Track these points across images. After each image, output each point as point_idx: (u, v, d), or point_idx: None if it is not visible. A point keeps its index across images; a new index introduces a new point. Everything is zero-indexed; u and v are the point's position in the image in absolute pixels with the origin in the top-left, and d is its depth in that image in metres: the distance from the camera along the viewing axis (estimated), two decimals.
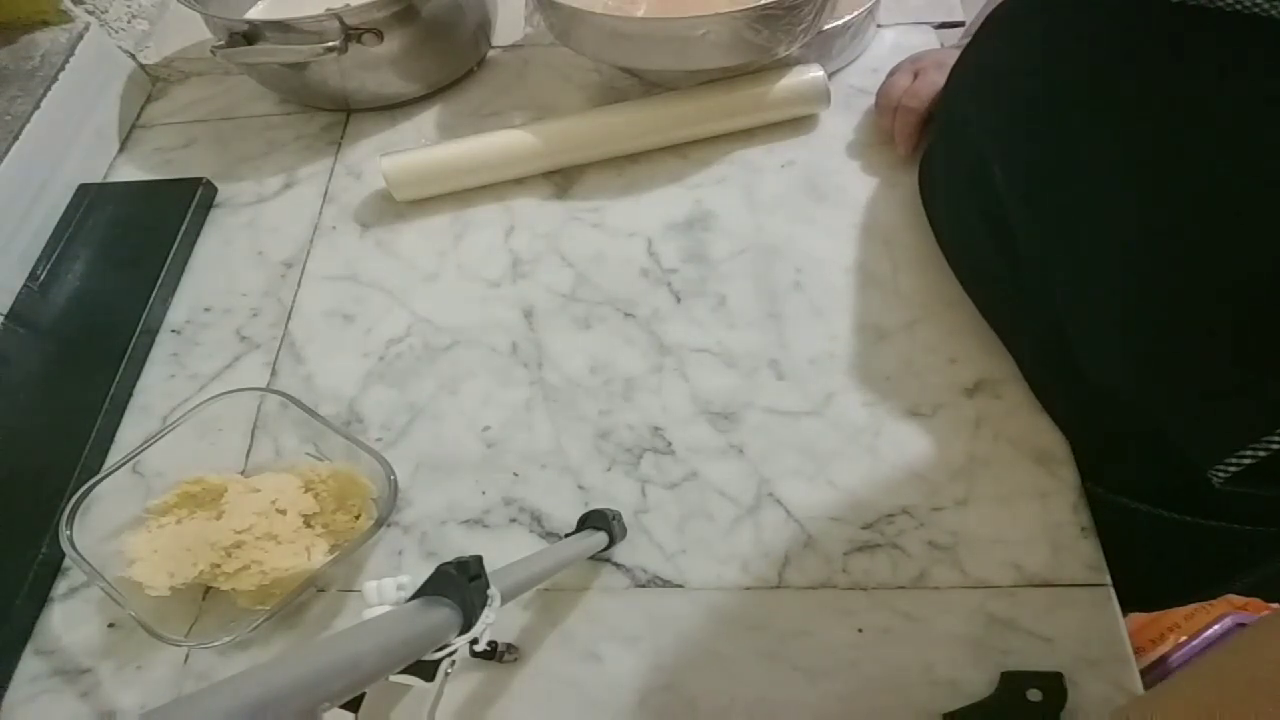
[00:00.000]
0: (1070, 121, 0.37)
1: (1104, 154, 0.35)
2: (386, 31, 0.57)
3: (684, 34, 0.50)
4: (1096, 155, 0.36)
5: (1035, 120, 0.39)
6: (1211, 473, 0.32)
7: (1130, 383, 0.36)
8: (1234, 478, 0.31)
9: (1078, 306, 0.38)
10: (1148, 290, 0.33)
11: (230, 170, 0.62)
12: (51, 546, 0.43)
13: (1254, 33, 0.28)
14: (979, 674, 0.37)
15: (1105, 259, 0.35)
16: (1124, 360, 0.36)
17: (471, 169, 0.57)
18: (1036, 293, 0.41)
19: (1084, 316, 0.38)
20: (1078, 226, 0.37)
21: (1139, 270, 0.34)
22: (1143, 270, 0.33)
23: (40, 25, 0.63)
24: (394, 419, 0.48)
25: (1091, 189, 0.36)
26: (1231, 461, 0.31)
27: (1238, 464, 0.31)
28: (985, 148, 0.43)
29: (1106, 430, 0.42)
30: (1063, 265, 0.38)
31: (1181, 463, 0.35)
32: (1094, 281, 0.36)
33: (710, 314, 0.50)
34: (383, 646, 0.22)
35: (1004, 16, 0.43)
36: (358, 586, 0.43)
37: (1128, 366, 0.36)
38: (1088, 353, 0.38)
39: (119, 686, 0.41)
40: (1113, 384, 0.38)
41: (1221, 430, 0.31)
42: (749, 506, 0.43)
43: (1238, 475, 0.31)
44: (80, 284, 0.55)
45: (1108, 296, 0.36)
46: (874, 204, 0.54)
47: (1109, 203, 0.35)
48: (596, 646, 0.40)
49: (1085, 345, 0.38)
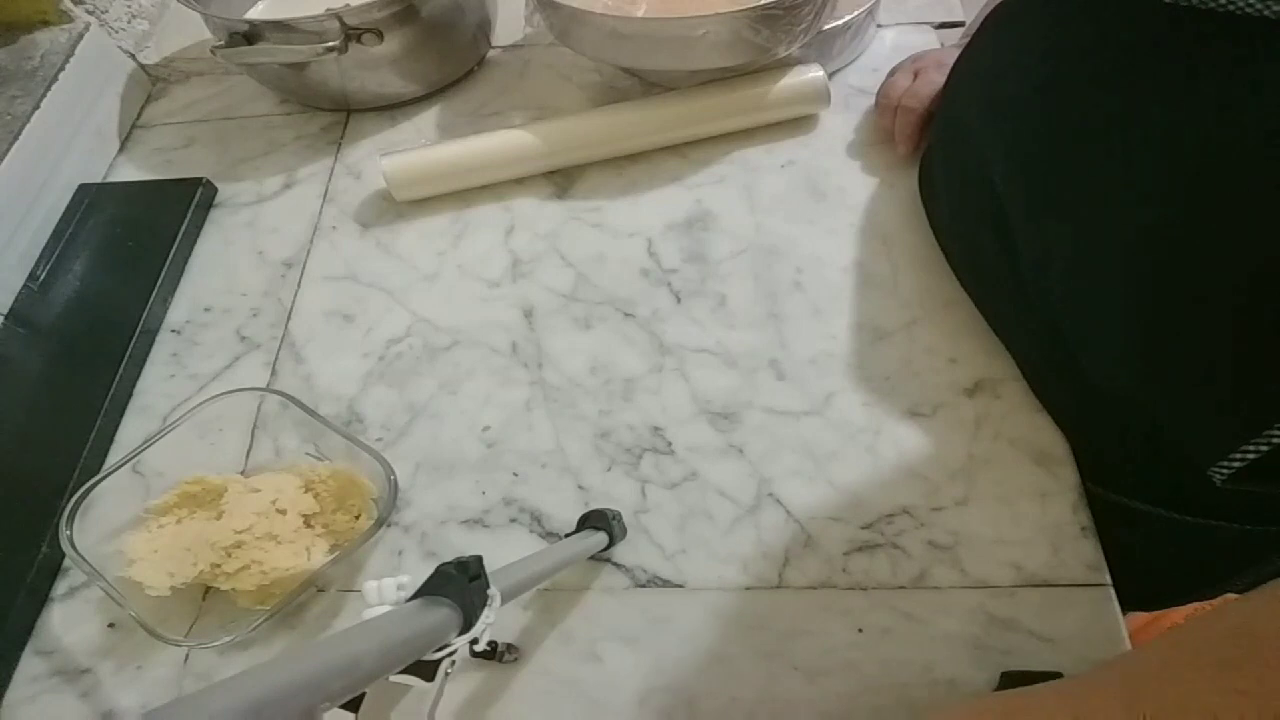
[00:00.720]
0: (1067, 122, 0.37)
1: (1100, 154, 0.35)
2: (386, 31, 0.57)
3: (684, 34, 0.50)
4: (1093, 155, 0.36)
5: (1033, 120, 0.40)
6: (1212, 471, 0.32)
7: (1129, 381, 0.36)
8: (1234, 475, 0.31)
9: (1076, 305, 0.38)
10: (1145, 288, 0.33)
11: (230, 170, 0.62)
12: (51, 546, 0.43)
13: (1249, 33, 0.29)
14: (979, 674, 0.37)
15: (1103, 258, 0.35)
16: (1123, 358, 0.36)
17: (471, 169, 0.57)
18: (1036, 292, 0.41)
19: (1082, 315, 0.38)
20: (1075, 226, 0.37)
21: (1137, 269, 0.34)
22: (1140, 269, 0.33)
23: (40, 25, 0.63)
24: (394, 419, 0.48)
25: (1089, 189, 0.36)
26: (1235, 458, 0.31)
27: (1241, 459, 0.31)
28: (984, 148, 0.43)
29: (1106, 430, 0.42)
30: (1061, 264, 0.38)
31: (1181, 461, 0.35)
32: (1092, 280, 0.36)
33: (710, 314, 0.50)
34: (383, 646, 0.22)
35: (1002, 17, 0.43)
36: (358, 586, 0.43)
37: (1126, 365, 0.36)
38: (1087, 352, 0.38)
39: (119, 686, 0.41)
40: (1112, 383, 0.38)
41: (1221, 427, 0.31)
42: (749, 506, 0.43)
43: (1238, 473, 0.31)
44: (80, 284, 0.55)
45: (1106, 295, 0.36)
46: (874, 204, 0.54)
47: (1106, 202, 0.35)
48: (596, 646, 0.40)
49: (1084, 344, 0.39)
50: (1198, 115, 0.31)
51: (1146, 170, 0.33)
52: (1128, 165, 0.34)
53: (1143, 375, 0.35)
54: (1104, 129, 0.35)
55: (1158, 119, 0.32)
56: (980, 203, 0.44)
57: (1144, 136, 0.33)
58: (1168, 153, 0.32)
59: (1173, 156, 0.32)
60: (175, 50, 0.69)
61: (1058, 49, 0.38)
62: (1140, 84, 0.33)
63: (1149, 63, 0.33)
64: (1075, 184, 0.37)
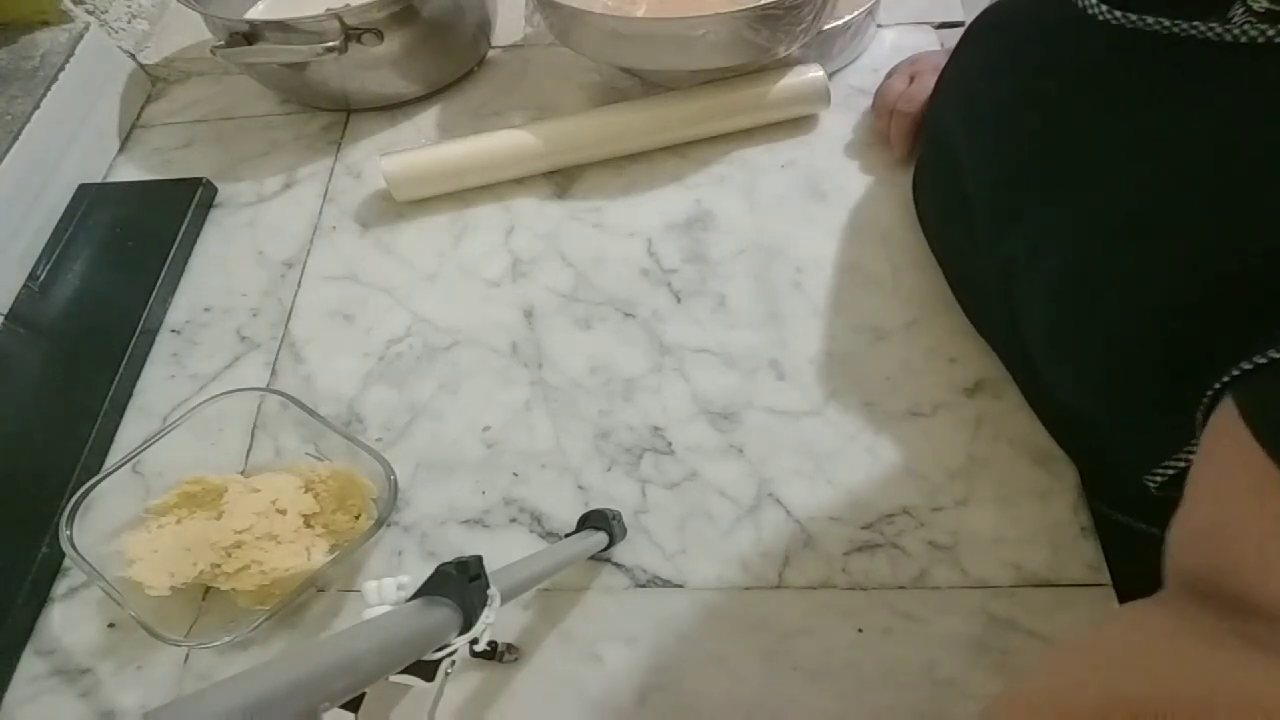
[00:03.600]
0: (1026, 137, 0.38)
1: (1053, 169, 0.36)
2: (386, 31, 0.57)
3: (684, 34, 0.50)
4: (1048, 170, 0.36)
5: (999, 133, 0.40)
6: (1146, 479, 0.33)
7: (1078, 394, 0.37)
8: (1167, 483, 0.32)
9: (1032, 318, 0.38)
10: (1086, 305, 0.34)
11: (230, 170, 0.62)
12: (51, 546, 0.43)
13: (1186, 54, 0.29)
14: (979, 674, 0.37)
15: (1051, 273, 0.36)
16: (1071, 372, 0.36)
17: (471, 169, 0.57)
18: (1004, 303, 0.41)
19: (1038, 328, 0.38)
20: (1027, 240, 0.38)
21: (1079, 285, 0.34)
22: (1082, 285, 0.34)
23: (40, 25, 0.63)
24: (394, 419, 0.48)
25: (1036, 207, 0.37)
26: (1167, 465, 0.32)
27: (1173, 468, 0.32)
28: (962, 156, 0.44)
29: (1070, 436, 0.42)
30: (1019, 277, 0.39)
31: (1122, 469, 0.35)
32: (1044, 294, 0.37)
33: (710, 314, 0.50)
34: (383, 646, 0.22)
35: (982, 27, 0.44)
36: (358, 586, 0.43)
37: (1074, 379, 0.36)
38: (1044, 364, 0.39)
39: (119, 686, 0.41)
40: (1065, 395, 0.38)
41: (1151, 438, 0.32)
42: (749, 506, 0.43)
43: (1170, 480, 0.32)
44: (80, 284, 0.55)
45: (1058, 309, 0.36)
46: (874, 204, 0.54)
47: (1051, 221, 0.36)
48: (596, 646, 0.40)
49: (1042, 357, 0.39)
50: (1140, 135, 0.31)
51: (1095, 189, 0.33)
52: (1078, 183, 0.34)
53: (1087, 386, 0.36)
54: (1059, 145, 0.36)
55: (1107, 136, 0.33)
56: (959, 209, 0.44)
57: (1094, 153, 0.33)
58: (1113, 172, 0.32)
59: (1118, 176, 0.32)
60: (175, 50, 0.69)
61: (1021, 63, 0.39)
62: (1090, 101, 0.34)
63: (1099, 82, 0.33)
64: (1029, 199, 0.37)
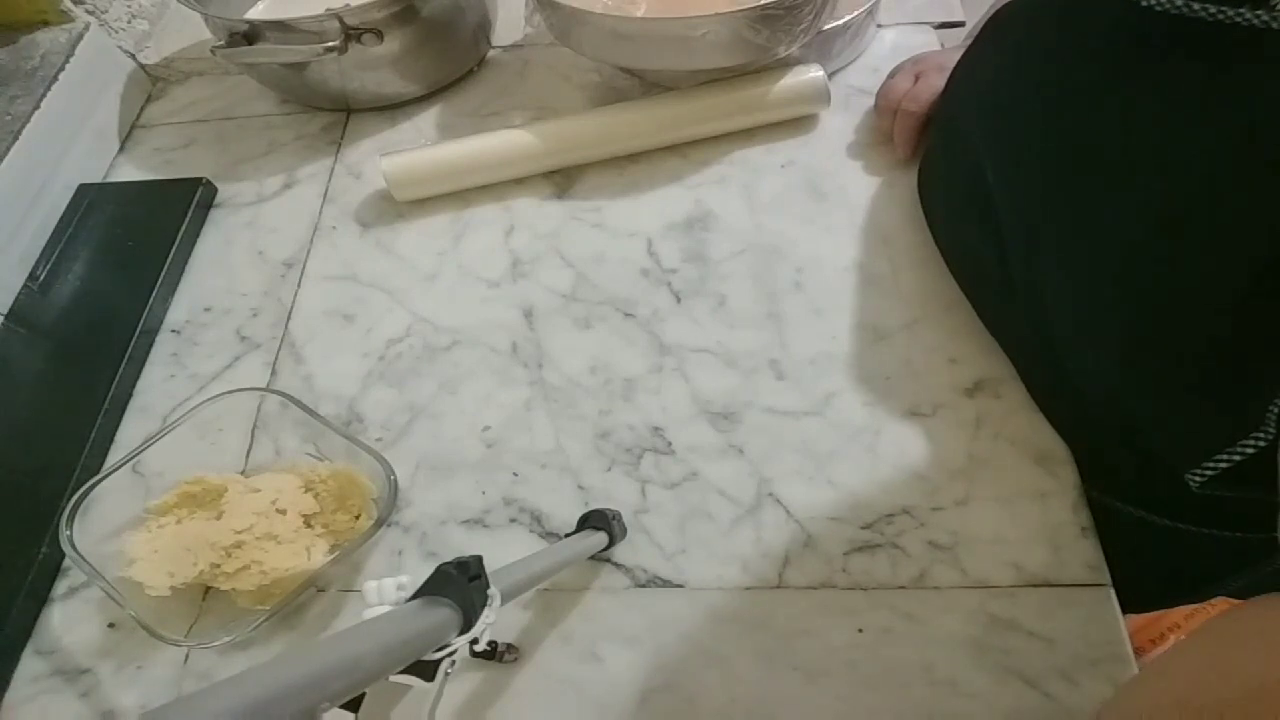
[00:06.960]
0: (1061, 130, 0.37)
1: (1094, 163, 0.35)
2: (386, 31, 0.57)
3: (684, 34, 0.50)
4: (1087, 164, 0.36)
5: (1029, 128, 0.40)
6: (1188, 476, 0.32)
7: (1113, 386, 0.36)
8: (1209, 481, 0.31)
9: (1064, 311, 0.38)
10: (1131, 297, 0.34)
11: (230, 170, 0.62)
12: (51, 546, 0.43)
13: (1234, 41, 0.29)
14: (979, 674, 0.37)
15: (1088, 268, 0.36)
16: (1107, 364, 0.36)
17: (471, 169, 0.57)
18: (1027, 298, 0.41)
19: (1068, 322, 0.38)
20: (1067, 234, 0.37)
21: (1125, 278, 0.34)
22: (1128, 278, 0.34)
23: (40, 25, 0.63)
24: (394, 419, 0.48)
25: (1074, 199, 0.36)
26: (1209, 465, 0.31)
27: (1214, 468, 0.31)
28: (981, 153, 0.43)
29: (1093, 433, 0.42)
30: (1049, 272, 0.38)
31: (1160, 466, 0.35)
32: (1078, 289, 0.36)
33: (710, 314, 0.50)
34: (383, 646, 0.22)
35: (1000, 22, 0.43)
36: (358, 586, 0.43)
37: (1110, 370, 0.36)
38: (1073, 356, 0.39)
39: (119, 686, 0.41)
40: (1096, 387, 0.38)
41: (1199, 435, 0.32)
42: (749, 506, 0.43)
43: (1212, 479, 0.31)
44: (80, 284, 0.55)
45: (1093, 302, 0.36)
46: (874, 204, 0.54)
47: (1099, 212, 0.35)
48: (596, 646, 0.40)
49: (1071, 350, 0.39)
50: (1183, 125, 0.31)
51: (1139, 181, 0.33)
52: (1120, 176, 0.34)
53: (1126, 381, 0.35)
54: (1097, 138, 0.35)
55: (1147, 128, 0.32)
56: (975, 207, 0.44)
57: (1135, 145, 0.33)
58: (1158, 163, 0.32)
59: (1162, 167, 0.32)
60: (175, 50, 0.69)
61: (1053, 57, 0.38)
62: (1128, 93, 0.33)
63: (1141, 71, 0.33)
64: (1068, 193, 0.37)
